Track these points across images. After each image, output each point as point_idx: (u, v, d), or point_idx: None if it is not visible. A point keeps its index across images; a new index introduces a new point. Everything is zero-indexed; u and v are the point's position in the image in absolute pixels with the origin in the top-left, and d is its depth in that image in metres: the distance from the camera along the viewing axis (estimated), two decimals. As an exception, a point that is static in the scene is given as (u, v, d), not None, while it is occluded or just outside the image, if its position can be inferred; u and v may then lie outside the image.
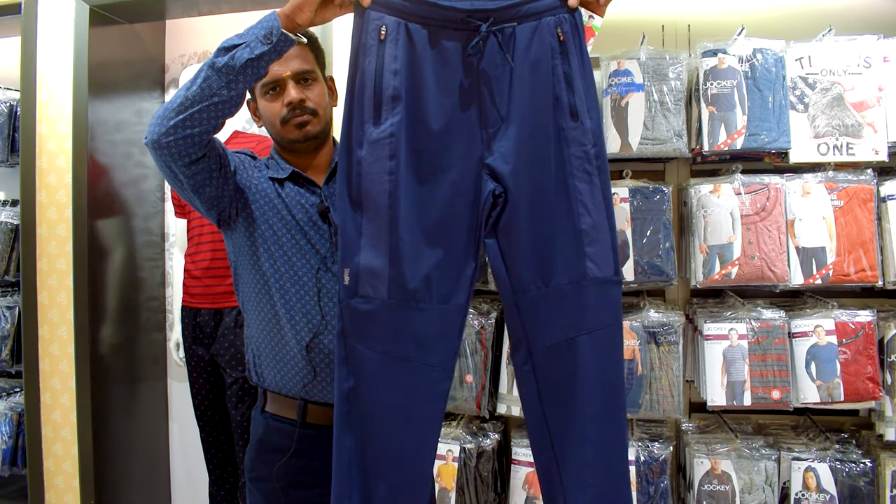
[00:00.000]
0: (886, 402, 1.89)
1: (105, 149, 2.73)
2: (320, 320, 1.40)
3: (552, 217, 1.26)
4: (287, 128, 1.43)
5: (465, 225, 1.26)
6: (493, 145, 1.25)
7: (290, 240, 1.41)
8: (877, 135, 1.92)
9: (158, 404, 3.04)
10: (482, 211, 1.26)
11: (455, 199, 1.25)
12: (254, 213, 1.41)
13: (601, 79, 2.10)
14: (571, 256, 1.26)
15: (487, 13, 1.21)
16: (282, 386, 1.42)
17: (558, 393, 1.28)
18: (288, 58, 1.37)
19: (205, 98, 1.23)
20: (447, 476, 2.12)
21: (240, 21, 2.93)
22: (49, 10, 2.65)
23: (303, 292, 1.40)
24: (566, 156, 1.26)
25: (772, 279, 1.93)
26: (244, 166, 1.46)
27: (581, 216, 1.26)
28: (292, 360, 1.40)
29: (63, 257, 2.65)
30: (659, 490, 2.00)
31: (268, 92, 1.43)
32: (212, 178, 1.35)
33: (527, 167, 1.24)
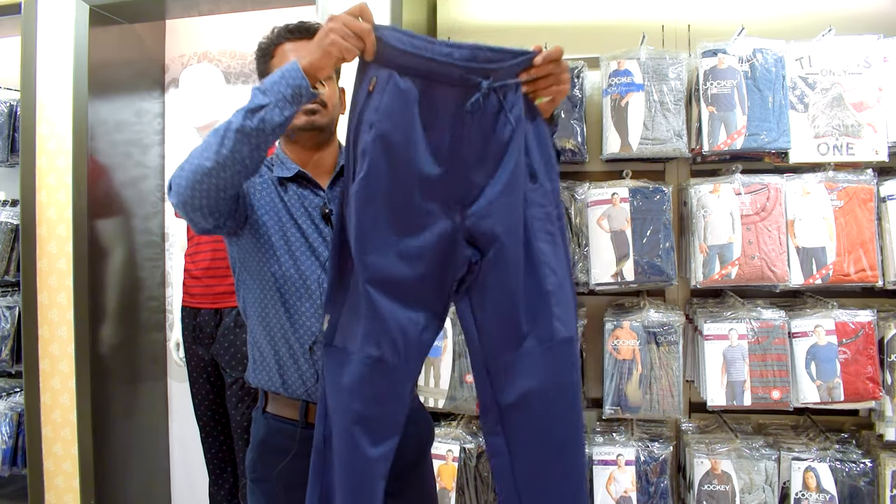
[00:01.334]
0: (886, 402, 1.89)
1: (105, 149, 2.73)
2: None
3: (522, 279, 1.25)
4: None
5: (437, 287, 1.26)
6: (474, 207, 1.23)
7: (293, 243, 1.40)
8: (877, 135, 1.92)
9: (158, 404, 3.04)
10: (456, 273, 1.25)
11: (429, 260, 1.24)
12: (258, 219, 1.40)
13: (601, 79, 2.11)
14: (541, 318, 1.26)
15: (487, 71, 1.18)
16: (284, 387, 1.41)
17: (527, 451, 1.29)
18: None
19: (236, 163, 1.21)
20: (447, 476, 2.12)
21: (240, 21, 2.94)
22: (49, 10, 2.65)
23: (306, 295, 1.39)
24: (529, 217, 1.25)
25: (772, 279, 1.93)
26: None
27: (547, 276, 1.25)
28: (295, 363, 1.40)
29: (63, 257, 2.64)
30: (659, 490, 2.00)
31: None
32: (233, 215, 1.35)
33: (503, 230, 1.23)
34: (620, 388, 2.00)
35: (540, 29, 2.31)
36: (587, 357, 2.22)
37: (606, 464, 2.04)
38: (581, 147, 2.08)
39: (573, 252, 2.06)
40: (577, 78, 2.11)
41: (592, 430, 2.18)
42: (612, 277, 2.02)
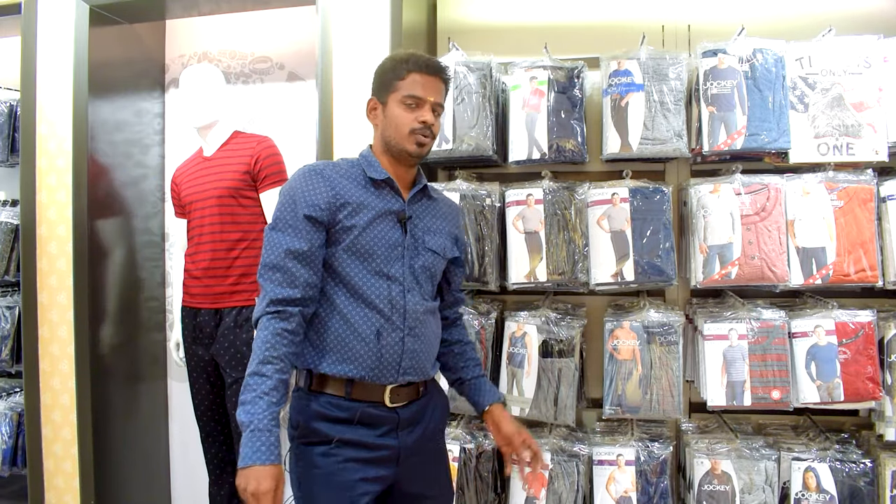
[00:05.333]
0: (886, 402, 1.89)
1: (105, 149, 2.73)
2: (388, 308, 1.55)
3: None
4: (409, 138, 1.58)
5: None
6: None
7: (379, 245, 1.57)
8: (877, 135, 1.92)
9: (158, 404, 3.04)
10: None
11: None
12: (354, 224, 1.55)
13: (601, 79, 2.11)
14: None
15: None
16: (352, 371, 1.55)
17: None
18: (434, 86, 1.59)
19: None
20: (447, 476, 2.12)
21: (240, 21, 2.94)
22: (49, 10, 2.65)
23: (379, 290, 1.56)
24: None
25: (772, 279, 1.93)
26: (331, 199, 1.55)
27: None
28: (364, 350, 1.54)
29: (63, 257, 2.65)
30: (659, 490, 2.00)
31: (408, 103, 1.58)
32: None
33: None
34: (620, 388, 2.00)
35: (540, 29, 2.31)
36: (587, 357, 2.22)
37: (606, 464, 2.04)
38: (581, 147, 2.08)
39: (573, 252, 2.06)
40: (577, 78, 2.11)
41: (592, 430, 2.19)
42: (612, 277, 2.02)
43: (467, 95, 2.11)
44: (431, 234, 1.66)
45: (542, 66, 2.10)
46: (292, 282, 1.48)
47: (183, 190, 2.55)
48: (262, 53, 2.97)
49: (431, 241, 1.65)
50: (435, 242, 1.66)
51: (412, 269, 1.59)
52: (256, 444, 1.37)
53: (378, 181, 1.59)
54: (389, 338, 1.54)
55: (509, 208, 2.12)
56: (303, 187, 1.54)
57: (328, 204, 1.53)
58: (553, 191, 2.09)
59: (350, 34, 2.33)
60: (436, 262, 1.66)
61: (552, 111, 2.07)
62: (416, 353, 1.58)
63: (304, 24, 2.84)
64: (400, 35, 2.17)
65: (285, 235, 1.50)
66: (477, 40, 2.32)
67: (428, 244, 1.64)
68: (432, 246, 1.65)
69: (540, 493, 2.06)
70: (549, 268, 2.05)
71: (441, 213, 1.71)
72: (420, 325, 1.59)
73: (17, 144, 2.87)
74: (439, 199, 1.73)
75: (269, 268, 1.49)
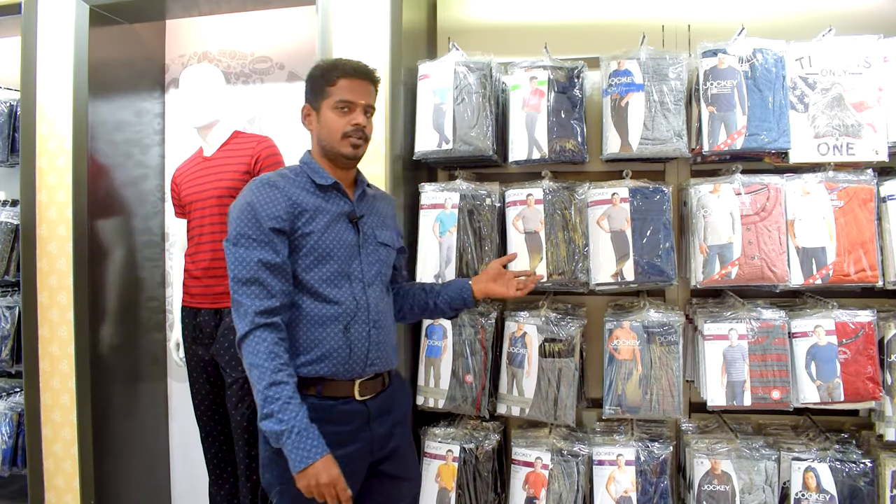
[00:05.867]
0: (886, 402, 1.89)
1: (105, 149, 2.73)
2: (352, 304, 1.62)
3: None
4: (344, 142, 1.65)
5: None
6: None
7: (337, 247, 1.63)
8: (877, 135, 1.92)
9: (158, 404, 3.04)
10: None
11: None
12: (312, 230, 1.60)
13: (601, 79, 2.11)
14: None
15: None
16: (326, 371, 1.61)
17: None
18: (364, 89, 1.66)
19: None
20: (447, 476, 2.12)
21: (240, 21, 2.94)
22: (49, 10, 2.65)
23: (342, 290, 1.62)
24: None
25: (772, 279, 1.93)
26: (289, 209, 1.60)
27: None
28: (335, 346, 1.60)
29: (63, 257, 2.65)
30: (659, 490, 2.00)
31: (339, 108, 1.64)
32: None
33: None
34: (620, 388, 2.00)
35: (540, 29, 2.31)
36: (587, 357, 2.22)
37: (606, 464, 2.04)
38: (581, 147, 2.08)
39: (573, 252, 2.06)
40: (577, 78, 2.11)
41: (592, 430, 2.19)
42: (612, 277, 2.02)
43: (467, 95, 2.11)
44: (380, 228, 1.76)
45: (542, 66, 2.10)
46: (270, 293, 1.52)
47: (183, 190, 2.55)
48: (262, 53, 2.97)
49: (382, 236, 1.75)
50: (385, 236, 1.76)
51: (370, 264, 1.68)
52: (307, 444, 1.43)
53: (326, 186, 1.66)
54: (357, 332, 1.62)
55: (509, 208, 2.12)
56: (262, 201, 1.57)
57: (288, 214, 1.57)
58: (553, 191, 2.09)
59: (350, 34, 2.33)
60: (388, 255, 1.77)
61: (552, 111, 2.07)
62: (381, 343, 1.67)
63: (304, 24, 2.84)
64: (400, 35, 2.17)
65: (254, 250, 1.53)
66: (477, 40, 2.32)
67: (380, 239, 1.73)
68: (384, 240, 1.75)
69: (540, 493, 2.06)
70: (549, 268, 2.05)
71: (382, 206, 1.81)
72: (382, 316, 1.69)
73: (17, 144, 2.87)
74: (377, 194, 1.83)
75: (245, 282, 1.52)
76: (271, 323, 1.50)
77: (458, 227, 2.12)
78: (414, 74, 2.22)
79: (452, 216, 2.13)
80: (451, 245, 2.11)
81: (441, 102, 2.13)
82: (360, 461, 1.62)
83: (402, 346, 2.15)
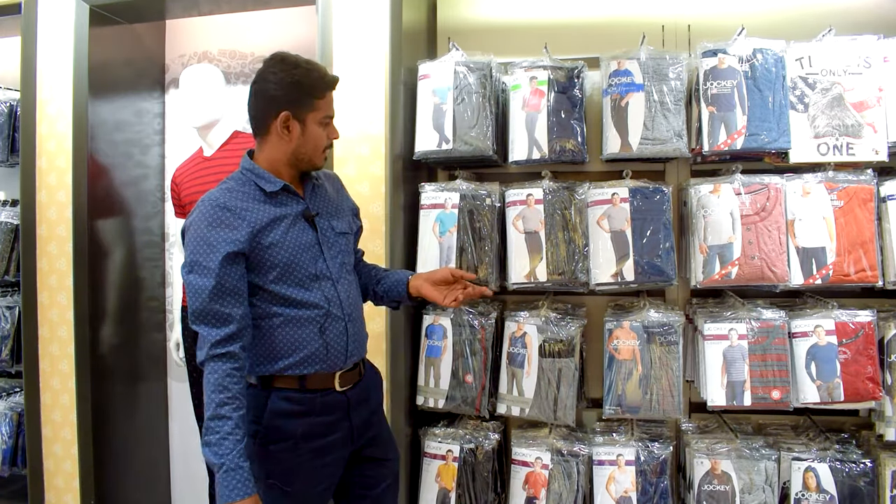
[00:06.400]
0: (886, 402, 1.89)
1: (105, 149, 2.73)
2: (325, 304, 1.62)
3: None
4: (321, 154, 1.67)
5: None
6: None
7: (300, 251, 1.62)
8: (877, 135, 1.92)
9: (158, 404, 3.04)
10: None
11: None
12: (273, 241, 1.58)
13: (601, 79, 2.11)
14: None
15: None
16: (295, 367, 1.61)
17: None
18: (332, 101, 1.66)
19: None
20: (447, 476, 2.12)
21: (240, 21, 2.94)
22: (49, 10, 2.65)
23: (313, 292, 1.62)
24: None
25: (772, 279, 1.93)
26: (246, 228, 1.56)
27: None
28: (313, 349, 1.61)
29: (63, 257, 2.65)
30: (659, 490, 2.00)
31: (323, 122, 1.64)
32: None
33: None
34: (620, 388, 2.00)
35: (540, 29, 2.31)
36: (587, 357, 2.22)
37: (606, 464, 2.04)
38: (581, 147, 2.08)
39: (573, 252, 2.06)
40: (577, 78, 2.11)
41: (592, 430, 2.19)
42: (612, 277, 2.02)
43: (467, 95, 2.11)
44: (336, 217, 1.73)
45: (542, 66, 2.10)
46: (226, 320, 1.51)
47: (183, 190, 2.55)
48: (262, 53, 2.96)
49: (339, 225, 1.73)
50: (342, 225, 1.74)
51: (333, 258, 1.67)
52: (233, 482, 1.44)
53: (275, 192, 1.62)
54: (333, 330, 1.63)
55: (509, 208, 2.12)
56: (217, 224, 1.53)
57: (247, 235, 1.54)
58: (553, 191, 2.09)
59: (350, 34, 2.33)
60: (349, 242, 1.76)
61: (552, 111, 2.07)
62: (357, 334, 1.71)
63: (304, 24, 2.84)
64: (400, 35, 2.17)
65: (206, 279, 1.50)
66: (477, 40, 2.32)
67: (337, 229, 1.71)
68: (342, 229, 1.73)
69: (540, 493, 2.06)
70: (549, 268, 2.05)
71: (330, 190, 1.78)
72: (354, 308, 1.71)
73: (17, 144, 2.87)
74: (321, 179, 1.77)
75: (200, 314, 1.51)
76: (226, 353, 1.49)
77: (458, 227, 2.12)
78: (414, 74, 2.22)
79: (452, 216, 2.13)
80: (451, 245, 2.11)
81: (441, 102, 2.13)
82: (341, 449, 1.67)
83: (402, 346, 2.15)
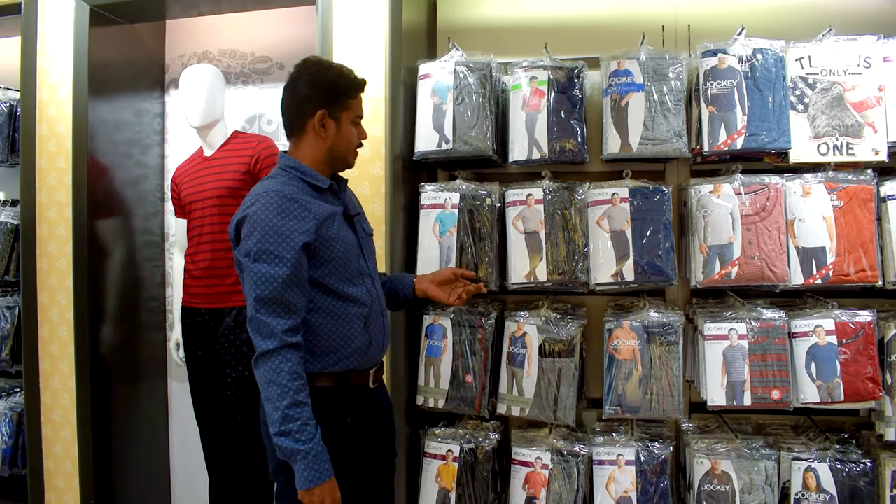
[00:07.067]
0: (886, 402, 1.89)
1: (105, 149, 2.73)
2: (369, 300, 1.68)
3: None
4: (354, 153, 1.73)
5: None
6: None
7: (349, 248, 1.67)
8: (877, 135, 1.92)
9: (158, 404, 3.04)
10: None
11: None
12: (331, 235, 1.62)
13: (601, 79, 2.11)
14: None
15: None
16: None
17: None
18: (362, 102, 1.72)
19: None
20: (447, 476, 2.12)
21: (240, 21, 2.94)
22: (49, 10, 2.65)
23: (361, 287, 1.67)
24: None
25: (772, 279, 1.93)
26: (314, 219, 1.59)
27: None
28: (360, 342, 1.65)
29: (63, 257, 2.65)
30: (659, 490, 2.00)
31: (356, 122, 1.71)
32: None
33: None
34: (620, 388, 2.00)
35: (540, 29, 2.31)
36: (587, 357, 2.22)
37: (606, 464, 2.04)
38: (581, 147, 2.08)
39: (573, 252, 2.06)
40: (577, 78, 2.11)
41: (592, 430, 2.19)
42: (612, 277, 2.02)
43: (467, 95, 2.11)
44: (364, 219, 1.82)
45: (542, 66, 2.10)
46: (293, 310, 1.53)
47: (183, 190, 2.55)
48: (262, 53, 2.97)
49: (367, 226, 1.81)
50: (368, 227, 1.82)
51: (370, 258, 1.75)
52: (319, 465, 1.48)
53: (323, 189, 1.66)
54: (375, 325, 1.69)
55: (509, 208, 2.12)
56: (287, 215, 1.55)
57: (314, 226, 1.57)
58: (553, 191, 2.09)
59: (350, 34, 2.33)
60: (374, 244, 1.83)
61: (552, 111, 2.07)
62: (388, 331, 1.79)
63: (304, 24, 2.84)
64: (400, 35, 2.17)
65: (280, 268, 1.51)
66: (477, 40, 2.32)
67: (367, 230, 1.80)
68: (369, 231, 1.82)
69: (540, 493, 2.06)
70: (549, 268, 2.05)
71: (353, 196, 1.85)
72: (385, 305, 1.78)
73: (17, 144, 2.87)
74: (347, 186, 1.82)
75: (268, 302, 1.51)
76: (296, 343, 1.52)
77: (458, 227, 2.12)
78: (414, 74, 2.22)
79: (452, 216, 2.13)
80: (451, 245, 2.11)
81: (441, 102, 2.13)
82: (368, 445, 1.70)
83: (402, 345, 2.15)
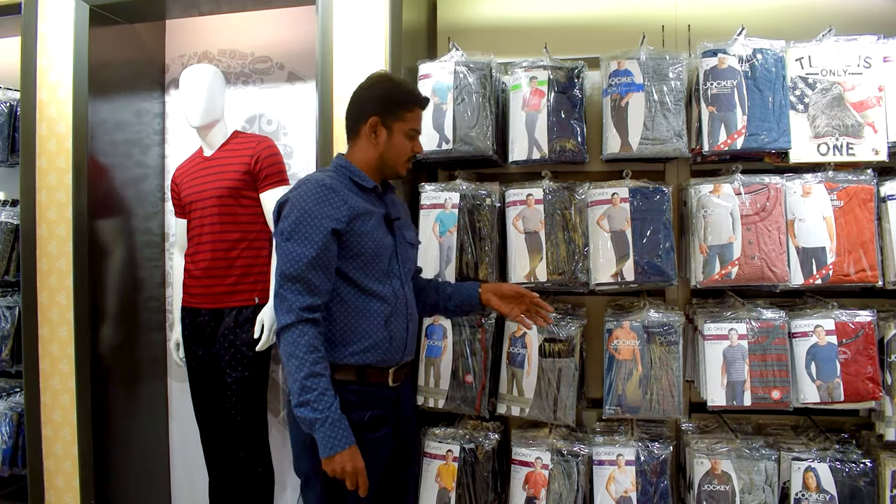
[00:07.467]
0: (886, 402, 1.89)
1: (105, 149, 2.73)
2: (393, 299, 1.71)
3: None
4: (405, 165, 1.79)
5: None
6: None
7: (382, 247, 1.71)
8: (877, 135, 1.92)
9: (158, 404, 3.04)
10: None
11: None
12: (364, 230, 1.67)
13: (601, 79, 2.11)
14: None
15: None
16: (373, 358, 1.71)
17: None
18: (420, 118, 1.79)
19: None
20: (447, 476, 2.12)
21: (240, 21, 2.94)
22: (49, 10, 2.65)
23: (386, 286, 1.71)
24: None
25: (772, 279, 1.93)
26: (348, 211, 1.65)
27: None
28: (379, 338, 1.69)
29: (63, 257, 2.65)
30: (659, 490, 2.00)
31: (410, 135, 1.77)
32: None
33: None
34: (620, 388, 2.00)
35: (540, 29, 2.31)
36: (587, 357, 2.22)
37: (606, 464, 2.04)
38: (581, 147, 2.08)
39: (573, 252, 2.06)
40: (577, 78, 2.11)
41: (592, 430, 2.19)
42: (612, 277, 2.02)
43: (467, 95, 2.11)
44: (407, 228, 1.86)
45: (542, 66, 2.10)
46: (314, 290, 1.58)
47: (183, 190, 2.55)
48: (262, 53, 2.96)
49: (409, 236, 1.86)
50: (411, 236, 1.87)
51: (403, 263, 1.78)
52: (338, 433, 1.52)
53: (368, 188, 1.73)
54: (396, 325, 1.72)
55: (509, 208, 2.12)
56: (322, 201, 1.62)
57: (347, 216, 1.63)
58: (553, 191, 2.09)
59: (350, 34, 2.33)
60: (414, 254, 1.89)
61: (552, 111, 2.07)
62: (414, 335, 1.81)
63: (304, 24, 2.84)
64: (400, 35, 2.17)
65: (305, 247, 1.58)
66: (477, 40, 2.32)
67: (408, 239, 1.84)
68: (411, 240, 1.86)
69: (540, 493, 2.06)
70: (549, 268, 2.05)
71: (402, 207, 1.90)
72: (413, 310, 1.81)
73: (17, 144, 2.87)
74: (394, 193, 1.88)
75: (292, 279, 1.57)
76: (313, 319, 1.57)
77: (458, 227, 2.12)
78: (414, 74, 2.22)
79: (452, 216, 2.13)
80: (451, 245, 2.12)
81: (441, 102, 2.13)
82: (389, 444, 1.73)
83: (402, 346, 2.15)
